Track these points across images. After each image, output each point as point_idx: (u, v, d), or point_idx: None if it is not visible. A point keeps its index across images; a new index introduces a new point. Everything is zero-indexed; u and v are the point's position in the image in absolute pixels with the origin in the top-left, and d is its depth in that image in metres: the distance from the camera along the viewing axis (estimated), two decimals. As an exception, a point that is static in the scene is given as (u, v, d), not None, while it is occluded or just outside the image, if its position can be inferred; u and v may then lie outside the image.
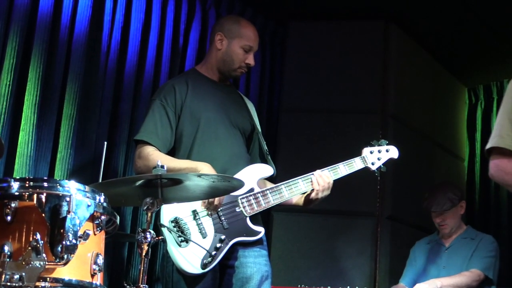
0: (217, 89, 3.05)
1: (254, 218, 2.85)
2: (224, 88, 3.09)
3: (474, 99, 5.71)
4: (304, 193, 2.95)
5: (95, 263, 1.94)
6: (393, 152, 3.12)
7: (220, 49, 3.03)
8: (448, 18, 4.63)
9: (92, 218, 1.94)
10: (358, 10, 4.58)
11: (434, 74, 5.23)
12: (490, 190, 5.42)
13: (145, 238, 2.20)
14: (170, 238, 2.66)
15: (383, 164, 3.08)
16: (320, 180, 2.88)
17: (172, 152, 2.92)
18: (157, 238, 2.25)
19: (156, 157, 2.75)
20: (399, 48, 4.69)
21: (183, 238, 2.66)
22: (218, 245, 2.72)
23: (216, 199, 2.69)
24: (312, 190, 2.89)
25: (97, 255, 1.95)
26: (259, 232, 2.85)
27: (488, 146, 2.29)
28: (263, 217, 3.07)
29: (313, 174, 2.91)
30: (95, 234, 1.96)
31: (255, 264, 2.84)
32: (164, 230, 2.66)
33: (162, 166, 2.27)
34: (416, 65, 4.94)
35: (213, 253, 2.70)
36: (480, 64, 5.21)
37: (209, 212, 2.74)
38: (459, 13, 4.54)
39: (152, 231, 2.22)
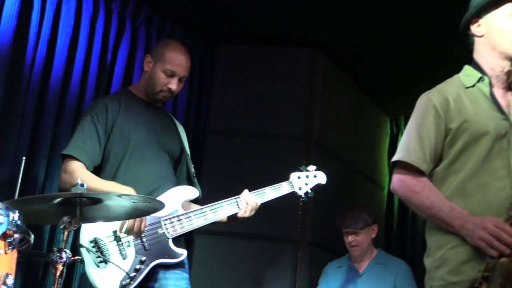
0: (149, 110, 3.04)
1: (177, 240, 2.84)
2: (155, 110, 3.08)
3: (395, 129, 5.91)
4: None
5: (4, 283, 1.86)
6: (320, 178, 3.19)
7: (147, 71, 3.03)
8: (373, 49, 4.78)
9: (4, 236, 1.87)
10: (287, 36, 4.66)
11: (358, 103, 5.37)
12: (407, 218, 5.61)
13: (60, 258, 2.13)
14: (88, 259, 2.60)
15: (311, 190, 3.13)
16: (249, 201, 2.92)
17: (98, 170, 2.88)
18: (73, 258, 2.19)
19: (81, 174, 2.70)
20: (325, 76, 4.79)
21: (101, 259, 2.61)
22: (138, 266, 2.68)
23: (136, 225, 2.66)
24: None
25: (7, 275, 1.87)
26: (181, 255, 2.83)
27: (394, 158, 2.31)
28: (185, 239, 3.06)
29: (239, 197, 2.94)
30: (6, 253, 1.88)
31: (175, 286, 2.81)
32: (83, 250, 2.60)
33: (82, 185, 2.22)
34: (341, 94, 5.06)
35: (132, 274, 2.66)
36: (402, 96, 5.38)
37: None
38: (384, 45, 4.69)
39: (68, 251, 2.15)
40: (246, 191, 2.97)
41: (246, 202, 2.92)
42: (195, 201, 3.05)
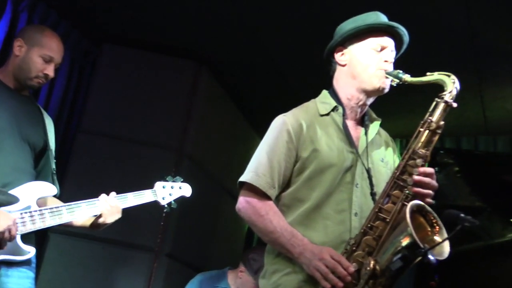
0: (13, 98, 2.88)
1: (26, 237, 2.69)
2: (20, 98, 2.93)
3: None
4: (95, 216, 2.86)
5: None
6: (185, 190, 3.17)
7: (18, 56, 2.89)
8: (255, 71, 4.89)
9: None
10: (173, 46, 4.66)
11: (235, 121, 5.45)
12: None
13: None
14: None
15: (174, 201, 3.12)
16: (106, 205, 2.82)
17: None
18: None
19: None
20: (206, 90, 4.81)
21: None
22: (-21, 261, 2.53)
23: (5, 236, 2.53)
24: (100, 214, 2.82)
25: None
26: (28, 252, 2.69)
27: (242, 179, 2.32)
28: (38, 236, 2.93)
29: (98, 199, 2.84)
30: None
31: (18, 285, 2.66)
32: None
33: None
34: (219, 110, 5.11)
35: (-28, 268, 2.51)
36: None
37: None
38: (264, 68, 4.81)
39: None
40: (112, 193, 2.86)
41: (109, 205, 2.82)
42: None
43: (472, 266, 4.51)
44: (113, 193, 2.88)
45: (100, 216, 2.84)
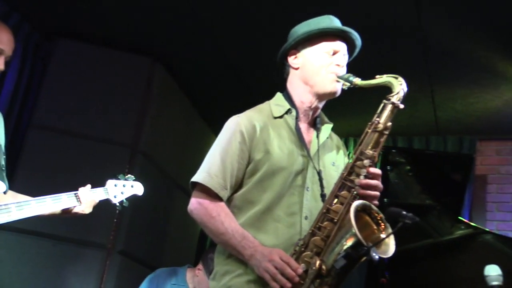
0: None
1: (-26, 235, 2.64)
2: None
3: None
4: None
5: None
6: (137, 189, 3.14)
7: None
8: (211, 69, 4.89)
9: None
10: (128, 42, 4.62)
11: (190, 119, 5.43)
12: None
13: None
14: None
15: (126, 199, 3.10)
16: (87, 196, 2.79)
17: None
18: None
19: None
20: (161, 87, 4.80)
21: None
22: None
23: None
24: (80, 204, 2.78)
25: None
26: (-26, 250, 2.64)
27: (194, 179, 2.29)
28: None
29: (51, 196, 2.79)
30: None
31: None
32: None
33: None
34: (174, 107, 5.09)
35: None
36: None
37: None
38: (221, 67, 4.82)
39: None
40: (88, 186, 2.84)
41: (89, 198, 2.80)
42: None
43: (422, 262, 4.59)
44: (88, 186, 2.86)
45: (79, 205, 2.80)
